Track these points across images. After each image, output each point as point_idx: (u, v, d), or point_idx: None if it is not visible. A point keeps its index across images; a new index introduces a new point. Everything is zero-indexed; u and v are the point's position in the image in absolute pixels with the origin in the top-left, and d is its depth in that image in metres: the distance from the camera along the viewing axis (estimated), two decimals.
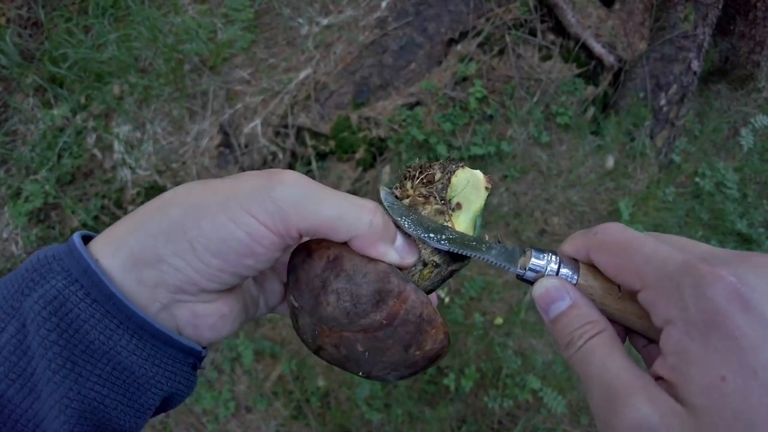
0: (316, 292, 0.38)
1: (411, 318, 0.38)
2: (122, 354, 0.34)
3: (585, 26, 2.06)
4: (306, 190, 0.36)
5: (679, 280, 0.30)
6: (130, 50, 2.01)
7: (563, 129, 2.06)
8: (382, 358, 0.39)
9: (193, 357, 0.38)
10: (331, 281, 0.38)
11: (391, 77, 2.00)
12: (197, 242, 0.35)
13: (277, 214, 0.35)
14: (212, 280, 0.36)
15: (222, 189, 0.36)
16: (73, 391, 0.33)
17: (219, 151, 1.97)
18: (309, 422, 1.77)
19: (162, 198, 0.37)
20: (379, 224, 0.38)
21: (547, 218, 2.02)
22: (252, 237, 0.35)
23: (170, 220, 0.35)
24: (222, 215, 0.35)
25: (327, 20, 2.05)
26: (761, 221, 2.19)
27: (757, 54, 2.35)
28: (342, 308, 0.38)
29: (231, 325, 0.41)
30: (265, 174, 0.37)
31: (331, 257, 0.38)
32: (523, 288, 1.92)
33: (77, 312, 0.33)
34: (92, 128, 2.03)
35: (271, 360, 1.83)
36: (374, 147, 1.97)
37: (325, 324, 0.39)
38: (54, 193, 1.97)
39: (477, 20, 2.03)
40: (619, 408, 0.30)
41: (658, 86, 2.10)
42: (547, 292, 0.37)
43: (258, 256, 0.36)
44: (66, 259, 0.34)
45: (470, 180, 0.42)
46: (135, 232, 0.36)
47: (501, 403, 1.74)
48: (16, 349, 0.32)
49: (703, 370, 0.28)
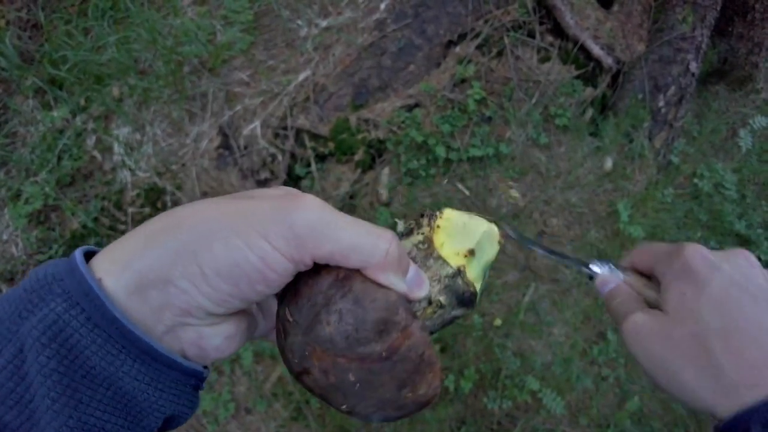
0: (317, 308, 0.36)
1: (412, 356, 0.36)
2: (124, 380, 0.33)
3: (583, 28, 2.06)
4: (325, 217, 0.35)
5: (671, 252, 0.50)
6: (130, 52, 2.01)
7: (562, 130, 2.06)
8: (373, 394, 0.37)
9: (195, 378, 0.38)
10: (336, 300, 0.36)
11: (390, 79, 2.00)
12: (207, 266, 0.33)
13: (293, 241, 0.34)
14: (220, 305, 0.35)
15: (236, 210, 0.35)
16: (72, 418, 0.32)
17: (218, 153, 1.97)
18: (309, 423, 1.78)
19: (173, 215, 0.36)
20: (395, 254, 0.37)
21: (546, 219, 2.02)
22: (265, 263, 0.34)
23: (180, 241, 0.34)
24: (235, 239, 0.34)
25: (326, 22, 2.05)
26: (760, 222, 2.20)
27: (756, 55, 2.36)
28: (342, 331, 0.36)
29: (236, 346, 0.40)
30: (283, 196, 0.36)
31: (340, 276, 0.37)
32: (522, 289, 1.92)
33: (78, 337, 0.32)
34: (92, 130, 2.04)
35: (271, 361, 1.83)
36: (373, 148, 1.98)
37: (319, 345, 0.36)
38: (54, 195, 1.98)
39: (475, 22, 2.04)
40: (624, 322, 0.50)
41: (657, 88, 2.10)
42: (603, 278, 0.56)
43: (270, 282, 0.35)
44: (67, 279, 0.33)
45: (487, 231, 0.44)
46: (143, 252, 0.34)
47: (500, 404, 1.75)
48: (14, 375, 0.31)
49: (673, 289, 0.48)
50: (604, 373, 1.86)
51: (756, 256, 1.82)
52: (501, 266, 1.94)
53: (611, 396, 1.85)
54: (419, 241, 0.43)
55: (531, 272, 1.95)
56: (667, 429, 1.80)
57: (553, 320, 1.89)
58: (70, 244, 1.96)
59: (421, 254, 0.42)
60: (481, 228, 0.43)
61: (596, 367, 1.87)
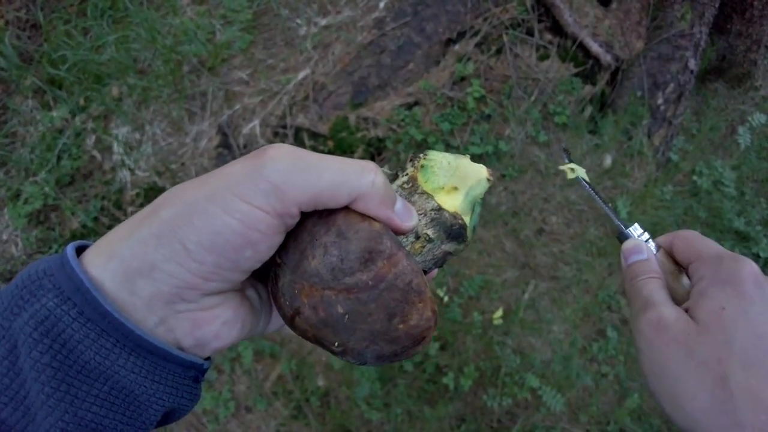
0: (302, 246, 0.36)
1: (399, 284, 0.36)
2: (120, 373, 0.33)
3: (582, 26, 2.06)
4: (299, 161, 0.34)
5: (722, 256, 0.45)
6: (129, 52, 2.01)
7: (561, 128, 2.06)
8: (363, 326, 0.37)
9: (194, 370, 0.37)
10: (321, 235, 0.36)
11: (389, 77, 2.00)
12: (189, 241, 0.33)
13: (272, 193, 0.33)
14: (210, 279, 0.34)
15: (211, 181, 0.34)
16: (68, 414, 0.31)
17: (218, 152, 1.98)
18: (309, 422, 1.78)
19: (154, 202, 0.35)
20: (381, 184, 0.36)
21: (545, 217, 2.02)
22: (246, 224, 0.33)
23: (159, 222, 0.33)
24: (212, 206, 0.33)
25: (325, 21, 2.05)
26: (758, 219, 2.20)
27: (754, 52, 2.36)
28: (328, 263, 0.35)
29: (237, 332, 0.38)
30: (252, 154, 0.35)
31: (323, 214, 0.36)
32: (522, 287, 1.92)
33: (70, 332, 0.31)
34: (91, 130, 2.04)
35: (271, 360, 1.83)
36: (373, 147, 1.98)
37: (306, 280, 0.36)
38: (53, 195, 1.98)
39: (474, 20, 2.04)
40: (651, 308, 0.46)
41: (656, 85, 2.11)
42: (635, 245, 0.53)
43: (256, 245, 0.34)
44: (57, 274, 0.32)
45: (472, 167, 0.44)
46: (126, 239, 0.34)
47: (500, 401, 1.75)
48: (9, 371, 0.31)
49: (712, 302, 0.43)
50: (604, 371, 1.86)
51: (755, 253, 1.82)
52: (500, 264, 1.94)
53: (611, 393, 1.85)
54: (404, 181, 0.42)
55: (530, 270, 1.95)
56: (666, 426, 1.81)
57: (552, 318, 1.89)
58: None
59: (405, 192, 0.42)
60: (465, 164, 0.43)
61: (596, 364, 1.87)
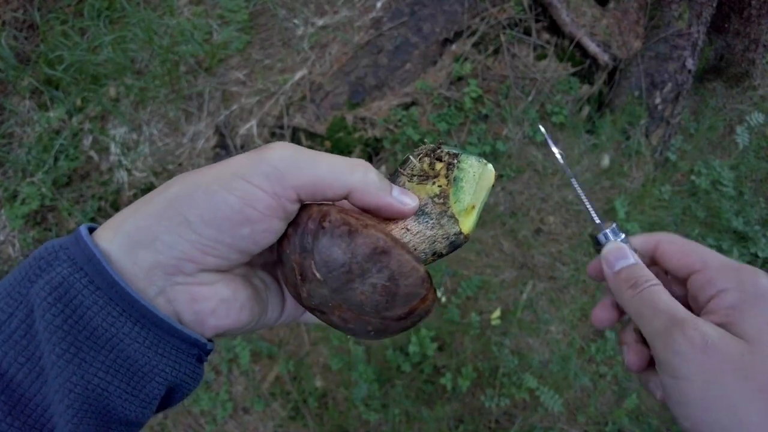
0: (349, 276, 0.38)
1: (423, 313, 0.41)
2: (125, 341, 0.34)
3: (580, 25, 2.06)
4: (300, 152, 0.37)
5: (738, 268, 0.41)
6: (126, 52, 2.01)
7: (558, 128, 2.06)
8: (381, 336, 0.41)
9: (197, 348, 0.38)
10: (372, 274, 0.38)
11: (387, 77, 2.00)
12: (190, 214, 0.35)
13: (272, 175, 0.36)
14: (208, 252, 0.36)
15: (217, 166, 0.37)
16: (76, 375, 0.33)
17: (215, 153, 1.97)
18: (307, 423, 1.77)
19: (164, 184, 0.38)
20: (374, 176, 0.39)
21: (543, 217, 2.02)
22: (245, 201, 0.36)
23: (164, 199, 0.36)
24: (215, 185, 0.36)
25: (322, 21, 2.05)
26: (757, 219, 2.20)
27: (752, 52, 2.36)
28: (374, 302, 0.38)
29: (236, 314, 0.40)
30: (259, 148, 0.38)
31: (380, 248, 0.38)
32: (520, 287, 1.92)
33: (81, 298, 0.33)
34: (88, 130, 2.03)
35: (269, 361, 1.83)
36: (370, 147, 1.97)
37: (347, 304, 0.39)
38: (51, 196, 1.97)
39: (472, 20, 2.04)
40: (687, 326, 0.38)
41: (653, 85, 2.10)
42: (618, 249, 0.46)
43: (254, 223, 0.36)
44: (72, 247, 0.35)
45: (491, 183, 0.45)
46: (132, 215, 0.36)
47: (498, 402, 1.74)
48: (26, 334, 0.33)
49: (755, 316, 0.38)
50: (602, 371, 1.86)
51: (754, 253, 1.81)
52: (498, 264, 1.94)
53: (609, 394, 1.85)
54: (435, 194, 0.43)
55: (528, 270, 1.94)
56: (664, 426, 1.80)
57: (550, 318, 1.89)
58: None
59: (436, 210, 0.43)
60: (485, 173, 0.44)
61: (594, 364, 1.87)
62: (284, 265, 0.41)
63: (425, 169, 0.44)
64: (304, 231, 0.39)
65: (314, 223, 0.38)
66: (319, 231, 0.38)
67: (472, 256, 1.94)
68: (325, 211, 0.38)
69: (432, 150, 0.44)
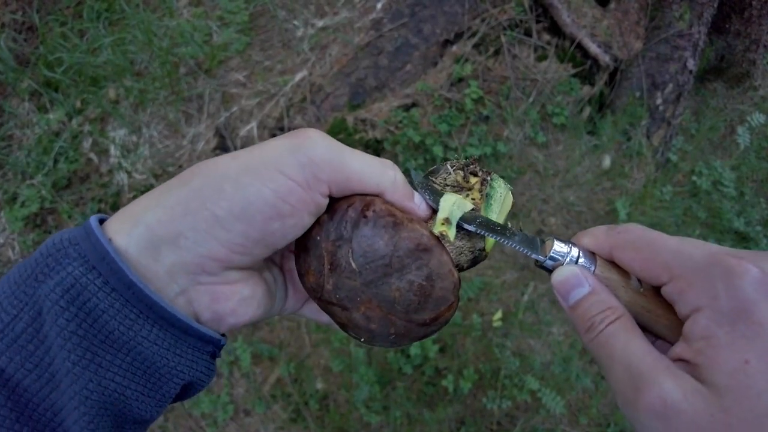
0: (388, 269, 0.37)
1: (443, 321, 0.41)
2: (143, 344, 0.33)
3: (580, 26, 2.05)
4: (335, 147, 0.36)
5: (709, 271, 0.32)
6: (125, 54, 2.00)
7: (559, 129, 2.06)
8: (401, 341, 0.41)
9: (212, 345, 0.37)
10: (411, 270, 0.37)
11: (387, 79, 1.99)
12: (219, 208, 0.33)
13: (308, 167, 0.35)
14: (235, 250, 0.35)
15: (243, 155, 0.36)
16: (93, 382, 0.32)
17: (215, 155, 1.97)
18: (308, 425, 1.77)
19: (180, 175, 0.36)
20: (401, 180, 0.39)
21: (544, 218, 2.02)
22: (279, 194, 0.34)
23: (191, 189, 0.34)
24: (246, 176, 0.34)
25: (322, 22, 2.05)
26: (758, 219, 2.20)
27: (753, 52, 2.36)
28: (407, 300, 0.38)
29: (253, 311, 0.39)
30: (291, 134, 0.36)
31: (423, 245, 0.37)
32: (521, 288, 1.91)
33: (95, 301, 0.32)
34: (88, 132, 2.03)
35: (270, 363, 1.82)
36: (371, 149, 1.97)
37: (376, 299, 0.38)
38: (50, 198, 1.97)
39: (472, 21, 2.03)
40: (644, 386, 0.32)
41: (654, 85, 2.10)
42: (567, 278, 0.38)
43: (285, 218, 0.35)
44: (82, 243, 0.32)
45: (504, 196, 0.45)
46: (153, 207, 0.34)
47: (500, 404, 1.74)
48: (33, 338, 0.31)
49: (729, 354, 0.30)
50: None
51: None
52: (499, 265, 1.93)
53: (611, 395, 1.84)
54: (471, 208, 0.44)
55: (530, 271, 1.94)
56: None
57: (552, 319, 1.88)
58: None
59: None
60: (509, 197, 0.45)
61: (595, 366, 1.86)
62: (309, 253, 0.39)
63: (459, 181, 0.44)
64: (342, 218, 0.37)
65: (355, 211, 0.37)
66: (360, 220, 0.37)
67: None
68: (369, 201, 0.37)
69: (467, 164, 0.44)
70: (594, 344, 0.36)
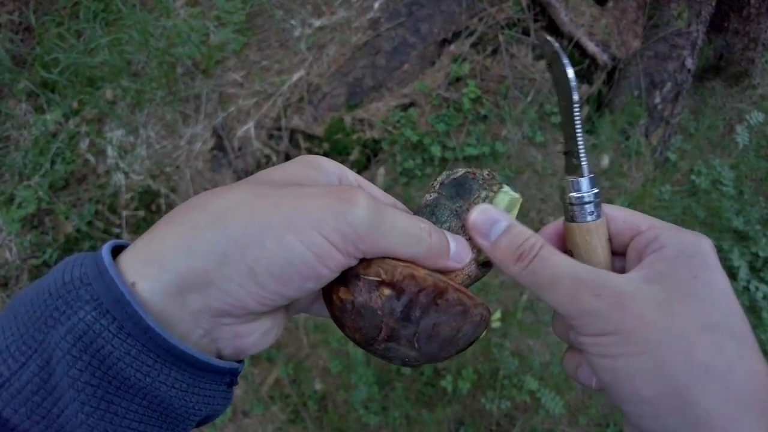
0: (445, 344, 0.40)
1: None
2: (161, 389, 0.32)
3: (578, 25, 2.05)
4: (378, 215, 0.35)
5: (685, 231, 0.38)
6: (122, 54, 2.00)
7: (558, 128, 2.05)
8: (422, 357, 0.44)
9: (230, 375, 0.36)
10: (462, 342, 0.40)
11: (385, 78, 1.99)
12: (258, 265, 0.32)
13: (350, 237, 0.34)
14: (265, 303, 0.34)
15: (287, 204, 0.34)
16: (108, 431, 0.31)
17: (212, 155, 1.96)
18: (306, 426, 1.77)
19: (211, 205, 0.34)
20: (436, 244, 0.39)
21: (543, 218, 2.01)
22: (320, 259, 0.33)
23: (229, 238, 0.32)
24: (290, 235, 0.32)
25: (319, 22, 2.04)
26: (758, 218, 2.19)
27: (752, 51, 2.35)
28: (449, 355, 0.41)
29: (272, 338, 0.39)
30: (336, 193, 0.35)
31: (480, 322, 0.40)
32: (520, 289, 1.91)
33: (110, 349, 0.30)
34: (85, 133, 2.02)
35: (268, 364, 1.82)
36: (368, 148, 1.96)
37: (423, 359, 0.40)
38: (47, 199, 1.96)
39: (470, 20, 2.03)
40: (593, 286, 0.34)
41: (653, 84, 2.10)
42: (484, 215, 0.40)
43: (321, 279, 0.35)
44: (95, 283, 0.30)
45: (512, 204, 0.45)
46: (184, 252, 0.32)
47: (499, 404, 1.74)
48: (40, 389, 0.30)
49: (686, 267, 0.35)
50: None
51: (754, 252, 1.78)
52: None
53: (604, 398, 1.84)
54: None
55: None
56: None
57: (550, 319, 1.88)
58: (64, 248, 1.95)
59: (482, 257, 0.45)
60: (517, 205, 0.45)
61: None
62: (361, 316, 0.39)
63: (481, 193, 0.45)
64: (411, 302, 0.37)
65: (427, 298, 0.37)
66: (431, 307, 0.38)
67: None
68: (443, 288, 0.38)
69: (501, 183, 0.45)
70: (528, 271, 0.37)
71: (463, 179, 0.44)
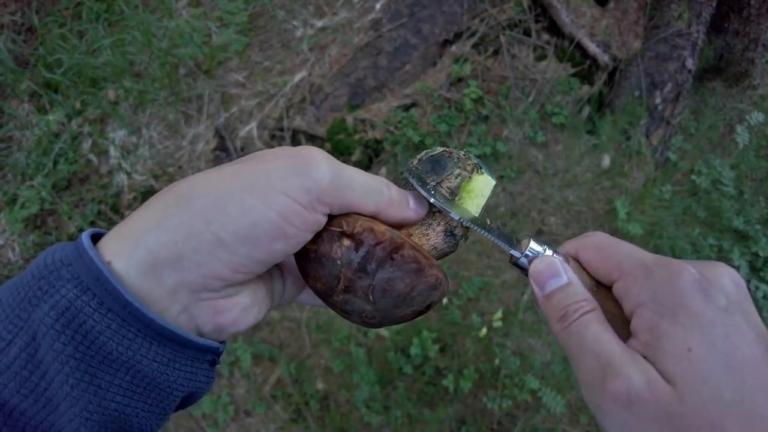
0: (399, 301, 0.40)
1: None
2: (142, 363, 0.33)
3: (579, 25, 2.06)
4: (337, 168, 0.37)
5: (653, 270, 0.35)
6: (125, 55, 2.00)
7: (559, 129, 2.06)
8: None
9: (211, 354, 0.37)
10: (417, 302, 0.41)
11: (386, 79, 1.99)
12: (223, 231, 0.33)
13: (313, 191, 0.35)
14: (238, 270, 0.35)
15: (244, 173, 0.35)
16: (92, 404, 0.32)
17: (215, 155, 1.97)
18: (308, 425, 1.77)
19: (182, 185, 0.35)
20: (396, 195, 0.41)
21: (544, 218, 2.02)
22: (284, 216, 0.35)
23: (191, 211, 0.34)
24: (250, 198, 0.34)
25: (321, 22, 2.05)
26: (758, 218, 2.20)
27: (752, 51, 2.36)
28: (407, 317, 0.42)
29: (254, 316, 0.40)
30: (292, 152, 0.37)
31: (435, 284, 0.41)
32: (521, 288, 1.91)
33: (92, 323, 0.31)
34: (88, 133, 2.03)
35: (270, 363, 1.83)
36: (370, 149, 1.97)
37: (379, 315, 0.41)
38: (50, 199, 1.97)
39: (471, 21, 2.03)
40: (611, 375, 0.33)
41: (653, 85, 2.10)
42: (547, 267, 0.40)
43: (289, 239, 0.36)
44: (75, 264, 0.32)
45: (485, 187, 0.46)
46: (154, 229, 0.33)
47: (500, 403, 1.74)
48: (27, 364, 0.31)
49: (673, 342, 0.33)
50: None
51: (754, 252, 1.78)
52: (499, 265, 1.94)
53: None
54: (448, 190, 0.45)
55: None
56: None
57: None
58: None
59: (460, 232, 0.46)
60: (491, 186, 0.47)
61: None
62: (322, 266, 0.41)
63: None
64: (369, 254, 0.39)
65: (384, 251, 0.39)
66: (386, 261, 0.39)
67: (473, 257, 1.94)
68: (399, 244, 0.39)
69: (477, 166, 0.46)
70: (566, 333, 0.37)
71: (440, 156, 0.46)
